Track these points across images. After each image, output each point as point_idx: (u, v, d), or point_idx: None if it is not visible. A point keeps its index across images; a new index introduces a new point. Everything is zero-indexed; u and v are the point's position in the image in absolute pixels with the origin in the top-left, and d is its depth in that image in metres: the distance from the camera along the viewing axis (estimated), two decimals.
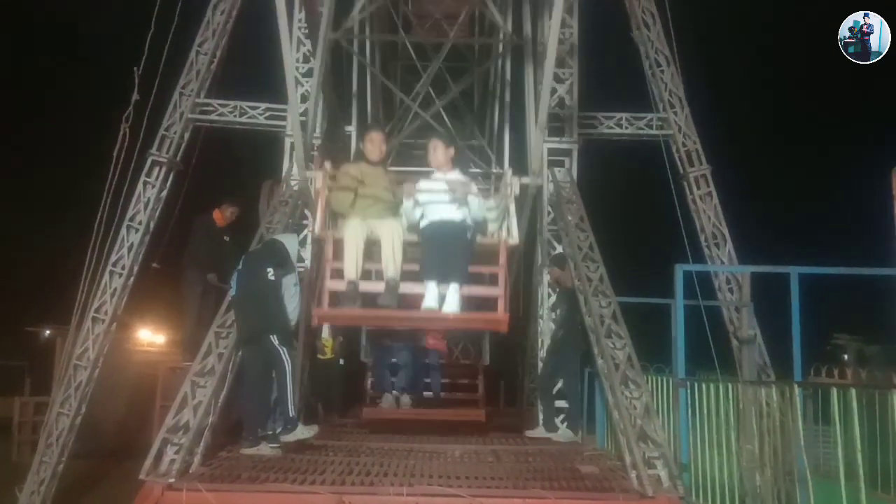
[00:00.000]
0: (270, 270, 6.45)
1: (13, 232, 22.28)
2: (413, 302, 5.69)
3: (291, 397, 6.15)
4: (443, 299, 5.51)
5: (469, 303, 5.74)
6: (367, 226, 5.70)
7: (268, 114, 10.27)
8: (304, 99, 9.69)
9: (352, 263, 5.56)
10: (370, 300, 5.67)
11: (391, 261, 5.56)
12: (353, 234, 5.63)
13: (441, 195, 5.75)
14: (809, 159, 23.21)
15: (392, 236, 5.62)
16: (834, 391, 4.26)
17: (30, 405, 13.53)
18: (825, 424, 5.26)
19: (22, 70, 24.75)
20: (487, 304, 5.89)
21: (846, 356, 17.05)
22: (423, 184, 5.88)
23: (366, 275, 5.67)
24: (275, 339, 6.20)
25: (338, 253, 5.68)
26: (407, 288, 5.63)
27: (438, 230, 5.64)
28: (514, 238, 5.63)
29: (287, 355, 6.20)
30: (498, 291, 5.61)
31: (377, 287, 5.64)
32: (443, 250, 5.56)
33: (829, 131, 23.44)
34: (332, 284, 5.66)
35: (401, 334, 9.01)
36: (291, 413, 6.17)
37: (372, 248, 5.75)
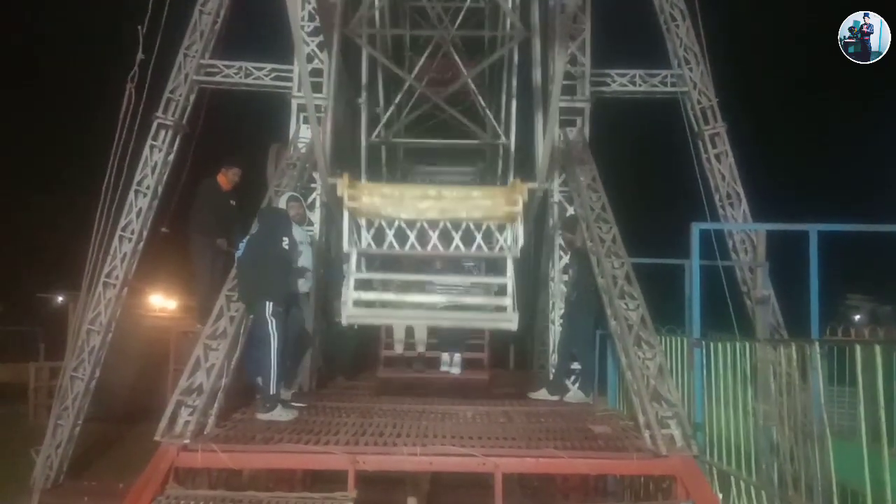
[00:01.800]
0: (286, 240, 6.41)
1: (23, 199, 22.35)
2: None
3: (273, 374, 6.03)
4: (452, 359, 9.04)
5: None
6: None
7: (273, 74, 10.09)
8: (309, 59, 9.51)
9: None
10: None
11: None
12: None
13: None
14: (828, 116, 22.79)
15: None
16: (858, 348, 4.18)
17: (45, 370, 13.70)
18: (839, 385, 5.21)
19: (25, 35, 24.54)
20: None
21: (857, 317, 16.98)
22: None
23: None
24: (268, 308, 6.10)
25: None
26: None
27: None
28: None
29: (275, 328, 6.07)
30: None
31: None
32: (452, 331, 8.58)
33: (848, 88, 22.92)
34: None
35: None
36: (271, 391, 6.06)
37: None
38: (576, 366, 7.92)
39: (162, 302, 15.75)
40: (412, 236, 6.60)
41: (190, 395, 5.58)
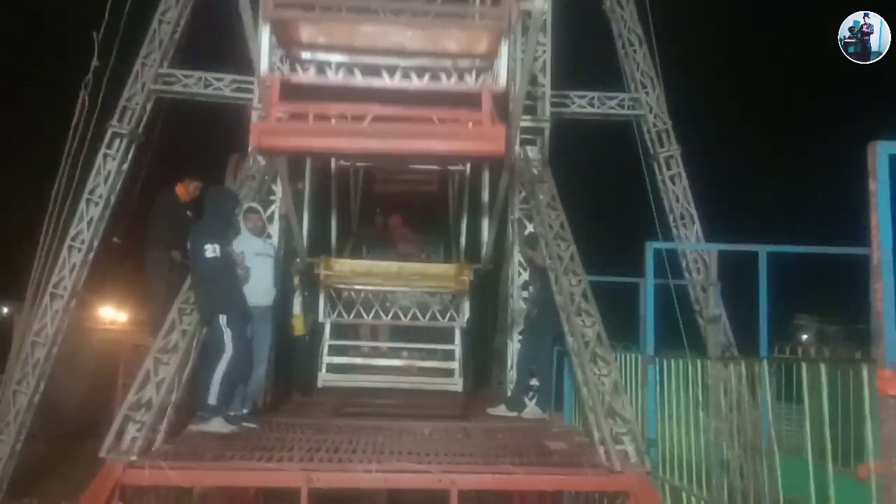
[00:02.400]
0: (209, 247, 6.08)
1: None
2: None
3: (217, 385, 5.90)
4: None
5: None
6: None
7: (234, 86, 10.01)
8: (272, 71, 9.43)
9: None
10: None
11: None
12: None
13: None
14: (780, 142, 23.59)
15: None
16: (804, 367, 4.31)
17: None
18: (787, 402, 5.37)
19: None
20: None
21: (805, 336, 17.51)
22: None
23: None
24: (222, 320, 5.95)
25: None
26: None
27: None
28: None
29: (231, 340, 5.93)
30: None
31: None
32: None
33: (801, 112, 23.84)
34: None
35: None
36: (211, 401, 5.91)
37: None
38: (534, 382, 7.96)
39: (113, 314, 15.35)
40: (377, 306, 8.31)
41: (138, 411, 5.41)
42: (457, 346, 8.10)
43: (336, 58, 5.33)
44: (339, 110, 4.95)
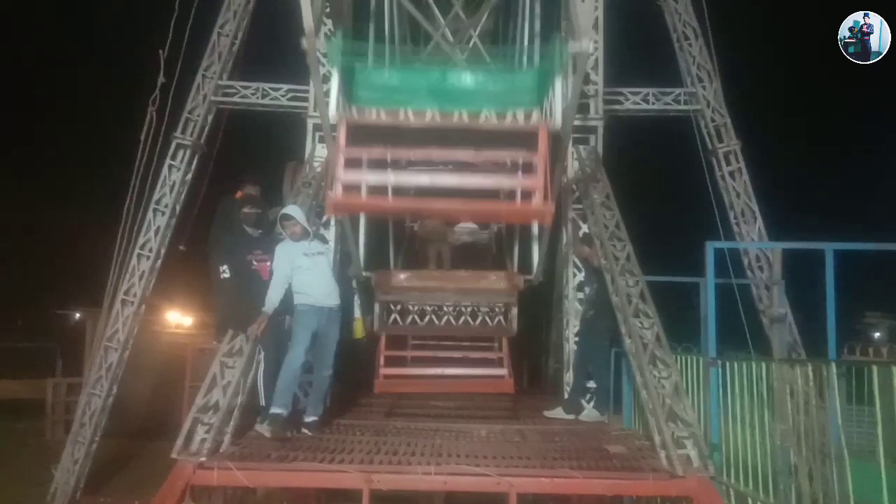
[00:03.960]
0: (222, 269, 6.37)
1: (44, 218, 22.69)
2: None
3: (261, 392, 6.16)
4: None
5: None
6: None
7: (290, 95, 10.25)
8: (325, 80, 9.64)
9: None
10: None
11: None
12: None
13: None
14: (843, 133, 22.67)
15: None
16: (875, 369, 4.15)
17: (62, 386, 13.84)
18: (858, 404, 5.16)
19: (51, 58, 25.08)
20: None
21: (878, 334, 16.76)
22: None
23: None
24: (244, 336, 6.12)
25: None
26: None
27: None
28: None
29: (259, 354, 6.16)
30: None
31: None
32: None
33: (865, 102, 22.80)
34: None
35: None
36: (261, 402, 6.16)
37: None
38: (591, 384, 7.89)
39: (179, 319, 15.89)
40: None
41: (206, 413, 5.61)
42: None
43: None
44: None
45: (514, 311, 8.93)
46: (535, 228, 8.41)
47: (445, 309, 10.10)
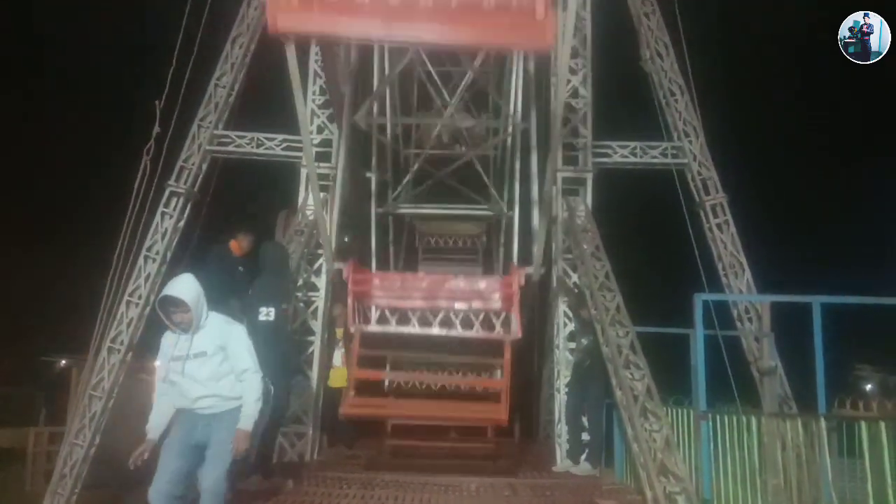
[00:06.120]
0: (263, 310, 6.27)
1: (32, 263, 22.56)
2: None
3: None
4: None
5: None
6: None
7: (284, 145, 10.37)
8: (319, 130, 9.85)
9: None
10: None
11: None
12: None
13: None
14: (829, 186, 23.02)
15: None
16: (863, 425, 4.15)
17: (44, 435, 13.53)
18: (850, 457, 5.12)
19: (45, 106, 25.37)
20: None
21: (869, 387, 16.76)
22: None
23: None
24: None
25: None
26: None
27: None
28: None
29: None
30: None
31: None
32: None
33: (849, 156, 23.28)
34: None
35: None
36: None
37: None
38: (584, 437, 7.81)
39: None
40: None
41: None
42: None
43: None
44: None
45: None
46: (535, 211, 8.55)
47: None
